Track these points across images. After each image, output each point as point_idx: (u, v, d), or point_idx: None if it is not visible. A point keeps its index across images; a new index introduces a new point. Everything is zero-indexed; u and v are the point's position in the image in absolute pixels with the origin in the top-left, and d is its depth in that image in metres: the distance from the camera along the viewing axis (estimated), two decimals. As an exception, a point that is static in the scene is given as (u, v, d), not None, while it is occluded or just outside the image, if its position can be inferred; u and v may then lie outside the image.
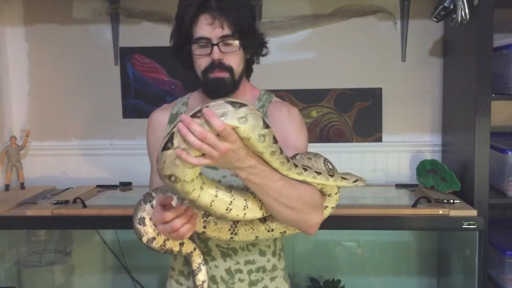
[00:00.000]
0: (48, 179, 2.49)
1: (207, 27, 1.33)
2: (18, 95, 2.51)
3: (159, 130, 1.46)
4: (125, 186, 2.42)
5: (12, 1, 2.45)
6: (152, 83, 2.47)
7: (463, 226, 1.92)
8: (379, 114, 2.44)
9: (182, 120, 1.05)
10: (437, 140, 2.43)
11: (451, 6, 1.96)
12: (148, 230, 1.29)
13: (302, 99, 2.44)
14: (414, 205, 1.99)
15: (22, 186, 2.40)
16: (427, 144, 2.43)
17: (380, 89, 2.43)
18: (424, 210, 1.97)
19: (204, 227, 1.30)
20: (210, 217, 1.29)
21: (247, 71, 1.49)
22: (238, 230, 1.30)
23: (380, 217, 1.96)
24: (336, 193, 1.33)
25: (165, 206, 1.19)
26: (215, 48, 1.34)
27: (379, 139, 2.44)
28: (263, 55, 1.51)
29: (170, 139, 1.07)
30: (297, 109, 1.48)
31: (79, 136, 2.51)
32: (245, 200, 1.22)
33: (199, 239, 1.40)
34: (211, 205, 1.17)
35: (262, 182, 1.17)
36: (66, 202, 2.11)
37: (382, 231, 2.33)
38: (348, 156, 2.44)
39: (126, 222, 2.01)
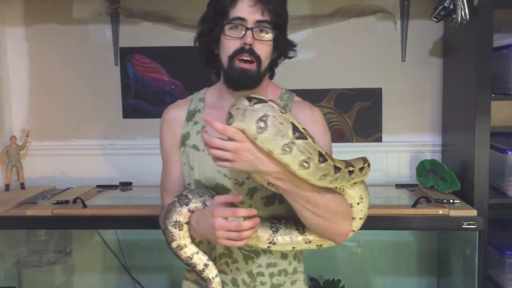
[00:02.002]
0: (48, 179, 2.49)
1: (247, 8, 1.29)
2: (18, 95, 2.51)
3: (175, 126, 1.43)
4: (125, 186, 2.42)
5: (12, 1, 2.45)
6: (152, 83, 2.47)
7: (463, 226, 1.92)
8: (379, 114, 2.44)
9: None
10: (437, 140, 2.43)
11: (451, 6, 1.96)
12: (182, 235, 1.25)
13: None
14: (414, 205, 1.99)
15: (22, 186, 2.40)
16: (427, 144, 2.43)
17: (380, 89, 2.43)
18: (424, 210, 1.97)
19: None
20: None
21: (270, 71, 1.46)
22: (276, 239, 1.29)
23: (380, 217, 1.96)
24: (358, 203, 1.29)
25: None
26: (249, 32, 1.29)
27: (379, 139, 2.44)
28: (290, 57, 1.47)
29: None
30: (318, 109, 1.46)
31: (79, 136, 2.51)
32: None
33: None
34: None
35: (290, 188, 1.17)
36: (66, 202, 2.11)
37: (382, 231, 2.32)
38: (348, 156, 2.41)
39: (126, 222, 2.04)
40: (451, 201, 2.03)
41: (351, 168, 1.21)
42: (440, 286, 2.43)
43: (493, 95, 1.97)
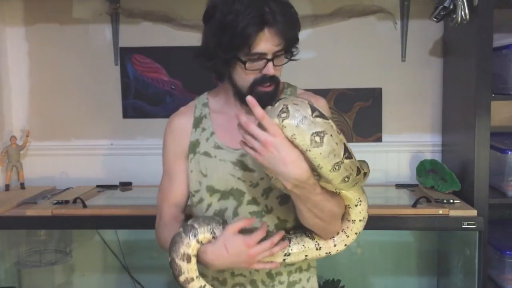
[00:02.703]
0: (48, 179, 2.49)
1: (268, 45, 1.25)
2: (18, 95, 2.51)
3: (181, 135, 1.41)
4: (125, 186, 2.42)
5: (12, 1, 2.45)
6: (152, 83, 2.47)
7: (463, 226, 1.92)
8: (379, 114, 2.44)
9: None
10: (437, 140, 2.43)
11: (451, 6, 1.96)
12: (191, 269, 1.21)
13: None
14: (414, 205, 1.99)
15: (22, 186, 2.40)
16: (427, 144, 2.43)
17: (380, 89, 2.43)
18: (424, 210, 1.97)
19: None
20: None
21: None
22: (291, 250, 1.30)
23: (380, 217, 1.96)
24: (356, 205, 1.30)
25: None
26: (270, 64, 1.28)
27: (379, 139, 2.44)
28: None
29: None
30: (323, 99, 1.46)
31: (79, 136, 2.51)
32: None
33: None
34: None
35: (303, 194, 1.17)
36: (66, 202, 2.11)
37: (382, 231, 2.32)
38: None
39: (126, 222, 2.04)
40: (451, 201, 2.03)
41: (363, 171, 1.23)
42: (440, 286, 2.43)
43: (493, 95, 1.97)
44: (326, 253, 1.33)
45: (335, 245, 1.33)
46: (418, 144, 2.43)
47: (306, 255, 1.32)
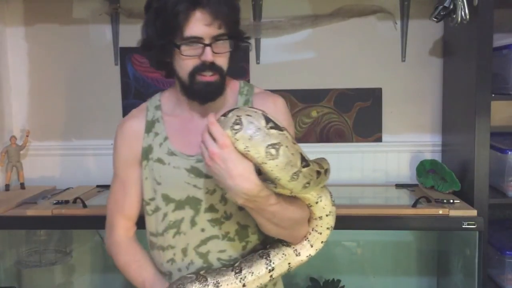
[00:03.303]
0: (48, 179, 2.49)
1: (201, 26, 1.20)
2: (18, 95, 2.51)
3: (133, 140, 1.36)
4: (125, 186, 2.41)
5: (12, 1, 2.45)
6: (152, 83, 2.47)
7: (463, 226, 1.92)
8: (379, 114, 2.44)
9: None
10: (437, 140, 2.43)
11: (451, 6, 1.96)
12: None
13: (302, 99, 2.44)
14: (414, 205, 1.99)
15: (22, 186, 2.40)
16: (427, 144, 2.43)
17: (380, 89, 2.43)
18: (424, 210, 1.97)
19: (244, 285, 1.23)
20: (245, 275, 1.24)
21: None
22: (274, 263, 1.26)
23: (380, 217, 1.96)
24: (317, 202, 1.25)
25: None
26: (208, 49, 1.21)
27: (379, 139, 2.44)
28: (241, 49, 1.36)
29: None
30: (281, 98, 1.38)
31: (79, 136, 2.51)
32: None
33: (198, 254, 1.31)
34: None
35: (256, 207, 1.13)
36: (66, 202, 2.11)
37: (382, 231, 2.32)
38: (348, 156, 2.44)
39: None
40: (451, 201, 2.03)
41: (323, 169, 1.19)
42: (440, 286, 2.43)
43: (493, 95, 1.97)
44: (307, 256, 1.29)
45: (311, 246, 1.29)
46: (418, 144, 2.43)
47: (289, 263, 1.28)
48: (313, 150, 2.42)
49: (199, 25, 1.20)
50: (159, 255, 1.36)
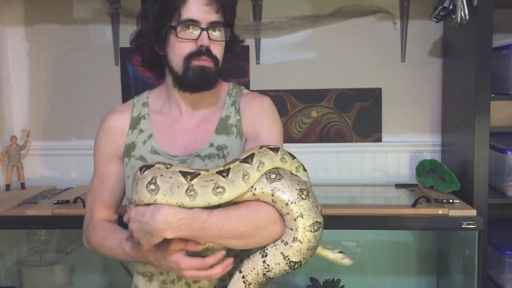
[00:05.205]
0: (49, 179, 2.50)
1: (200, 8, 1.20)
2: (18, 95, 2.51)
3: (116, 135, 1.34)
4: (125, 186, 2.41)
5: (12, 1, 2.45)
6: (152, 83, 2.46)
7: (463, 226, 1.92)
8: (379, 114, 2.44)
9: None
10: (436, 140, 2.43)
11: (451, 7, 1.97)
12: None
13: (302, 99, 2.44)
14: (413, 205, 1.99)
15: (22, 186, 2.40)
16: (426, 144, 2.43)
17: (380, 89, 2.43)
18: (423, 210, 1.97)
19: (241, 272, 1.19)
20: None
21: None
22: (247, 276, 1.18)
23: (380, 217, 1.96)
24: (287, 204, 1.13)
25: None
26: (204, 33, 1.21)
27: (379, 139, 2.45)
28: (236, 53, 1.36)
29: None
30: (268, 98, 1.35)
31: (80, 136, 2.52)
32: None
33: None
34: None
35: (191, 230, 1.07)
36: (67, 202, 2.12)
37: (382, 231, 2.33)
38: (348, 156, 2.44)
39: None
40: (451, 201, 2.03)
41: (228, 166, 1.13)
42: (440, 286, 2.44)
43: (492, 95, 1.97)
44: (293, 240, 1.16)
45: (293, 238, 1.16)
46: (418, 144, 2.44)
47: (264, 274, 1.18)
48: (313, 150, 2.45)
49: (196, 8, 1.21)
50: None
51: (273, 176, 1.15)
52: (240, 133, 1.31)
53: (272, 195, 1.14)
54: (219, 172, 1.11)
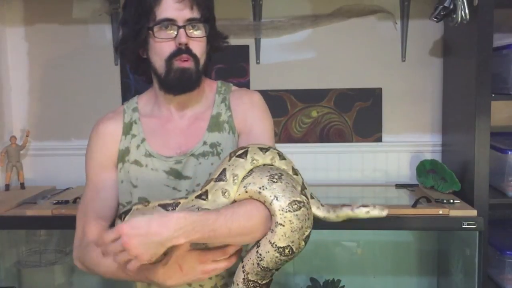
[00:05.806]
0: (48, 179, 2.49)
1: (174, 7, 1.21)
2: (18, 95, 2.51)
3: (109, 142, 1.34)
4: (125, 186, 2.41)
5: (12, 1, 2.45)
6: (151, 84, 2.46)
7: (463, 226, 1.92)
8: (379, 114, 2.44)
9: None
10: (437, 140, 2.43)
11: (451, 6, 1.96)
12: None
13: (302, 99, 2.44)
14: (414, 205, 1.99)
15: (22, 186, 2.40)
16: (427, 144, 2.43)
17: (380, 89, 2.43)
18: (424, 210, 1.97)
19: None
20: None
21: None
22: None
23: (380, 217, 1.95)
24: (260, 192, 1.13)
25: None
26: (182, 31, 1.21)
27: (379, 139, 2.44)
28: (222, 50, 1.36)
29: None
30: (258, 93, 1.37)
31: (79, 136, 2.51)
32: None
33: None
34: None
35: (202, 232, 1.05)
36: (66, 202, 2.11)
37: (382, 231, 2.32)
38: (348, 156, 2.44)
39: (126, 222, 2.03)
40: (451, 201, 2.03)
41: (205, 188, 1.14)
42: (440, 286, 2.43)
43: (493, 95, 1.97)
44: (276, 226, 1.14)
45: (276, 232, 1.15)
46: (418, 144, 2.43)
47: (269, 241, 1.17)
48: (313, 150, 2.45)
49: (170, 7, 1.22)
50: None
51: (246, 175, 1.16)
52: (233, 129, 1.32)
53: (246, 192, 1.14)
54: (198, 197, 1.11)
